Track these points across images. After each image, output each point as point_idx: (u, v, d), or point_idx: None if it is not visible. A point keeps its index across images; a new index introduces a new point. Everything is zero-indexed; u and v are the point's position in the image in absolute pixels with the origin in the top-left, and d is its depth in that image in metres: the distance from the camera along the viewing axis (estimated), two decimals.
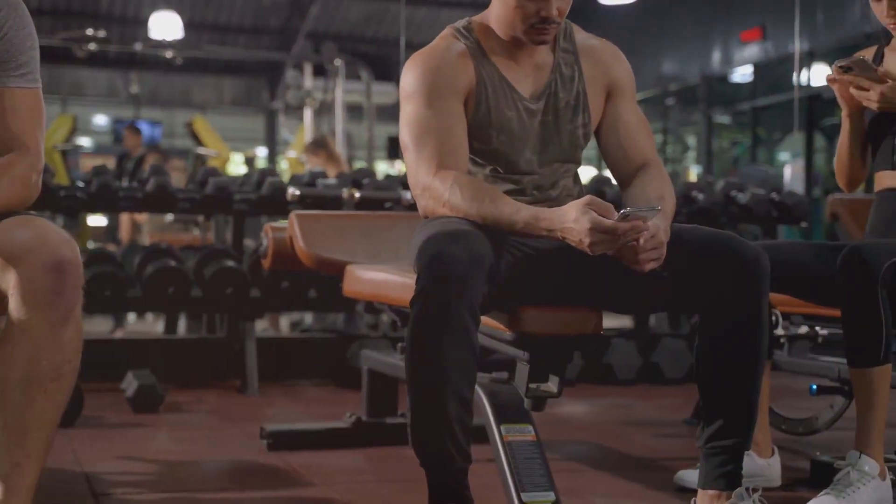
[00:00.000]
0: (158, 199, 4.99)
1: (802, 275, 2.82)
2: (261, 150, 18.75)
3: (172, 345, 5.54)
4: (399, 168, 12.81)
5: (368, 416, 3.53)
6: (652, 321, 5.85)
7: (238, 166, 15.35)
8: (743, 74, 13.36)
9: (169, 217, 7.61)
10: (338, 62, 11.78)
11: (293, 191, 4.33)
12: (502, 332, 2.41)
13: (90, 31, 11.01)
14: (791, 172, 10.86)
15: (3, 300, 1.90)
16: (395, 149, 12.02)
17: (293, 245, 3.22)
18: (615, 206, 2.20)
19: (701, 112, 13.91)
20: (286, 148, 14.43)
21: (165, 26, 12.12)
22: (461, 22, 2.51)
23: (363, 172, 5.62)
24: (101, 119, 19.01)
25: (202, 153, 11.82)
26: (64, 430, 3.52)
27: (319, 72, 12.43)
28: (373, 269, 2.86)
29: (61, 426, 1.99)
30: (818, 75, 11.43)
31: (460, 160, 2.38)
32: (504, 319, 2.38)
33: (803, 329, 3.29)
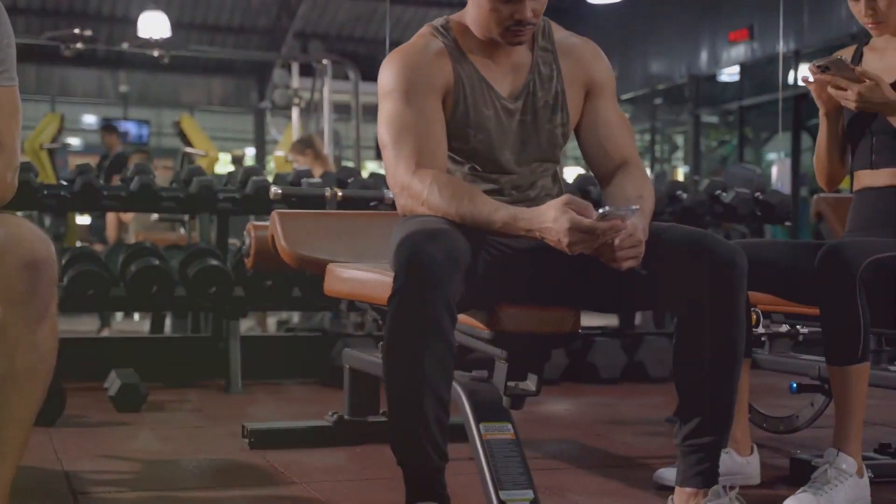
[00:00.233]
0: (142, 199, 4.99)
1: (782, 273, 2.84)
2: (249, 150, 18.71)
3: (156, 344, 5.53)
4: None
5: (350, 415, 3.53)
6: (637, 319, 5.85)
7: (226, 166, 15.30)
8: (730, 74, 13.38)
9: (155, 216, 7.59)
10: (325, 61, 11.76)
11: (276, 190, 4.33)
12: (481, 331, 2.42)
13: (78, 31, 10.94)
14: (777, 172, 10.88)
15: None
16: None
17: (275, 244, 3.22)
18: (598, 206, 2.20)
19: (689, 112, 13.92)
20: (274, 147, 14.40)
21: (153, 26, 12.07)
22: (439, 20, 2.50)
23: (348, 171, 5.61)
24: (90, 118, 18.95)
25: (190, 152, 11.78)
26: (45, 429, 3.50)
27: (307, 71, 12.40)
28: (353, 268, 2.85)
29: (43, 425, 1.99)
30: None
31: (439, 159, 2.38)
32: (482, 318, 2.39)
33: (784, 327, 3.31)
